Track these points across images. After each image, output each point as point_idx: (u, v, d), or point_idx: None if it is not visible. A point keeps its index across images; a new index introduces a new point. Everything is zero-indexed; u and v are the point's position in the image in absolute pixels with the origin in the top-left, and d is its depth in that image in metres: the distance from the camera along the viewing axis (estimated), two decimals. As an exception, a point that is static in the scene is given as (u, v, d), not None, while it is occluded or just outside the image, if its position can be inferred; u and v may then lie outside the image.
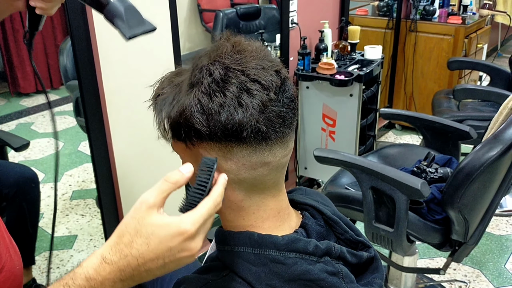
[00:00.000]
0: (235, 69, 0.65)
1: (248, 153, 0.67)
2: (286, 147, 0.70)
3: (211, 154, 0.68)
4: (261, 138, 0.66)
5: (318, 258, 0.69)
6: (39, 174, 2.85)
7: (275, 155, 0.69)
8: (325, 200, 0.86)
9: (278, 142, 0.68)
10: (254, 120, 0.64)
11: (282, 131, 0.67)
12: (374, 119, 2.84)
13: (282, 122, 0.67)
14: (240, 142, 0.65)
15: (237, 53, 0.67)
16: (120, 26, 0.86)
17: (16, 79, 3.73)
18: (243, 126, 0.64)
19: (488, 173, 1.45)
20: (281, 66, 0.69)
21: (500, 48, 5.25)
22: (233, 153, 0.67)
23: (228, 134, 0.64)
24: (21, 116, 3.59)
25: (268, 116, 0.65)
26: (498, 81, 2.79)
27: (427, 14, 3.38)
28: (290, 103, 0.68)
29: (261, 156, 0.67)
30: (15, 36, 3.62)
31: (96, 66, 1.51)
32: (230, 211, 0.73)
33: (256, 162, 0.68)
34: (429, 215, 1.61)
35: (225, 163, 0.68)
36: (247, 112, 0.63)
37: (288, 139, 0.70)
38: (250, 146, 0.66)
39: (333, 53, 2.65)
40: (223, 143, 0.66)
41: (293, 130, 0.71)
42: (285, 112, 0.67)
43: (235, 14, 3.25)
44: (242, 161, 0.67)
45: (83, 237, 2.40)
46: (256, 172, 0.68)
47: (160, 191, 0.62)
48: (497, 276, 2.19)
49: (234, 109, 0.63)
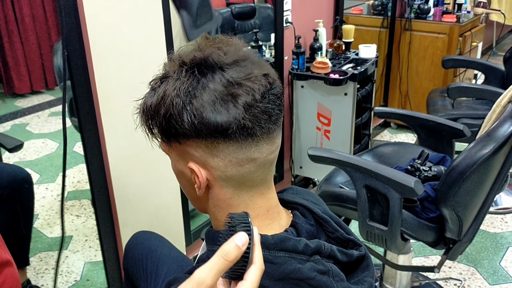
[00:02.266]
0: (222, 69, 0.66)
1: (234, 149, 0.67)
2: (272, 143, 0.70)
3: (197, 151, 0.68)
4: (246, 134, 0.66)
5: (308, 257, 0.69)
6: (34, 175, 2.85)
7: (261, 151, 0.69)
8: (316, 199, 0.86)
9: (264, 138, 0.68)
10: (239, 116, 0.64)
11: (268, 127, 0.68)
12: (369, 118, 2.84)
13: (267, 118, 0.67)
14: (226, 139, 0.66)
15: (224, 53, 0.67)
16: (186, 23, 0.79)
17: (11, 80, 3.72)
18: (228, 123, 0.64)
19: (482, 171, 1.45)
20: (270, 69, 0.70)
21: (494, 46, 5.26)
22: (220, 150, 0.67)
23: (214, 131, 0.65)
24: (16, 117, 3.59)
25: (254, 112, 0.65)
26: (493, 79, 2.79)
27: (421, 12, 3.39)
28: (276, 99, 0.68)
29: (248, 153, 0.68)
30: (9, 37, 3.61)
31: (89, 66, 1.51)
32: (219, 209, 0.73)
33: (242, 159, 0.68)
34: (423, 213, 1.61)
35: (212, 160, 0.68)
36: (232, 110, 0.64)
37: (275, 135, 0.70)
38: (236, 142, 0.66)
39: (328, 52, 2.65)
40: (209, 140, 0.66)
41: (279, 126, 0.71)
42: (271, 108, 0.67)
43: (230, 14, 3.24)
44: (229, 157, 0.67)
45: (78, 238, 2.39)
46: (243, 168, 0.69)
47: (218, 271, 0.54)
48: (492, 274, 2.19)
49: (220, 108, 0.64)
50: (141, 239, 1.39)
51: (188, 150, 0.69)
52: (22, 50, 3.68)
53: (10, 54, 3.65)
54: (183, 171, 0.72)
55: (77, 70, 1.49)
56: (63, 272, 2.18)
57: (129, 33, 1.57)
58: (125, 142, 1.65)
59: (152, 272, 1.27)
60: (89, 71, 1.52)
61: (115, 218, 1.74)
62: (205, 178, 0.69)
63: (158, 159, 1.01)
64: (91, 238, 2.39)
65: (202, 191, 0.71)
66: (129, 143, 1.66)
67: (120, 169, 1.68)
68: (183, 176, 0.73)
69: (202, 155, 0.68)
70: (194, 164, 0.69)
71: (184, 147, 0.69)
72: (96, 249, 2.31)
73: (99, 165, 1.63)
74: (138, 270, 1.31)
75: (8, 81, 3.73)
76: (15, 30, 3.61)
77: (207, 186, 0.71)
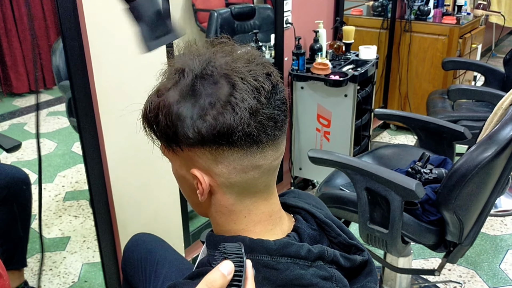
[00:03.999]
0: (226, 73, 0.64)
1: (239, 156, 0.65)
2: (277, 150, 0.69)
3: (201, 158, 0.66)
4: (252, 141, 0.64)
5: (311, 262, 0.68)
6: (31, 175, 2.83)
7: (266, 158, 0.68)
8: (318, 203, 0.85)
9: (269, 145, 0.67)
10: (245, 123, 0.63)
11: (273, 133, 0.66)
12: (369, 120, 2.84)
13: (273, 124, 0.66)
14: (231, 146, 0.64)
15: (227, 56, 0.66)
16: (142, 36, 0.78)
17: (9, 79, 3.70)
18: (233, 129, 0.62)
19: (483, 174, 1.44)
20: (273, 69, 0.68)
21: (494, 48, 5.27)
22: (224, 157, 0.65)
23: (219, 137, 0.63)
24: (14, 117, 3.57)
25: (259, 119, 0.64)
26: (493, 81, 2.79)
27: (421, 14, 3.38)
28: (282, 105, 0.67)
29: (253, 159, 0.66)
30: (8, 36, 3.59)
31: (88, 66, 1.50)
32: (221, 215, 0.71)
33: (247, 165, 0.66)
34: (423, 216, 1.61)
35: (215, 166, 0.66)
36: (237, 115, 0.62)
37: (280, 141, 0.69)
38: (241, 149, 0.65)
39: (328, 53, 2.65)
40: (213, 147, 0.65)
41: (284, 132, 0.70)
42: (277, 114, 0.66)
43: (229, 14, 3.24)
44: (233, 164, 0.66)
45: (76, 239, 2.38)
46: (247, 175, 0.67)
47: None
48: (492, 277, 2.19)
49: (224, 113, 0.62)
50: (140, 241, 1.38)
51: (192, 156, 0.67)
52: (21, 50, 3.67)
53: (8, 53, 3.64)
54: (185, 176, 0.71)
55: (76, 70, 1.48)
56: (61, 273, 2.16)
57: (128, 33, 1.55)
58: (124, 142, 1.64)
59: (151, 274, 1.27)
60: (88, 71, 1.51)
61: (113, 219, 1.73)
62: (208, 185, 0.68)
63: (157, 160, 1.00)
64: (89, 239, 2.38)
65: (205, 197, 0.69)
66: (128, 143, 1.64)
67: (119, 170, 1.67)
68: (185, 181, 0.72)
69: (205, 161, 0.66)
70: (197, 171, 0.67)
71: (187, 153, 0.67)
72: (94, 250, 2.29)
73: (97, 165, 1.62)
74: (137, 272, 1.30)
75: (6, 80, 3.71)
76: (13, 29, 3.59)
77: (209, 192, 0.69)
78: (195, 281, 0.70)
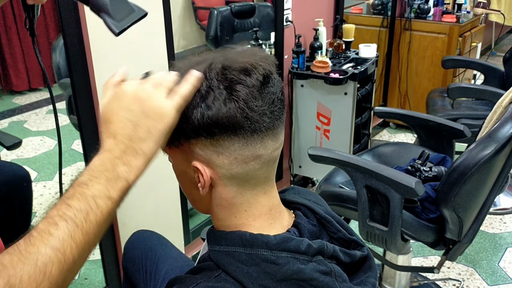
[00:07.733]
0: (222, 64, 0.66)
1: (240, 146, 0.67)
2: (277, 139, 0.70)
3: (202, 150, 0.68)
4: (252, 130, 0.66)
5: (311, 257, 0.69)
6: (32, 172, 2.83)
7: (266, 147, 0.69)
8: (318, 199, 0.85)
9: (269, 134, 0.68)
10: (244, 111, 0.64)
11: (272, 122, 0.68)
12: (369, 118, 2.84)
13: (271, 113, 0.67)
14: (231, 135, 0.66)
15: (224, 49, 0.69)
16: (108, 22, 0.83)
17: (9, 77, 3.70)
18: (233, 118, 0.64)
19: (482, 171, 1.44)
20: (270, 59, 0.70)
21: (494, 46, 5.27)
22: (225, 147, 0.67)
23: (219, 127, 0.65)
24: (13, 114, 3.57)
25: (257, 108, 0.66)
26: (492, 80, 2.79)
27: (421, 12, 3.38)
28: (278, 93, 0.69)
29: (253, 149, 0.67)
30: (7, 33, 3.59)
31: (89, 63, 1.50)
32: (222, 209, 0.72)
33: (248, 156, 0.68)
34: (423, 214, 1.61)
35: (217, 158, 0.67)
36: (236, 104, 0.64)
37: (279, 131, 0.70)
38: (242, 139, 0.66)
39: (328, 51, 2.65)
40: (214, 138, 0.66)
41: (283, 122, 0.71)
42: (274, 104, 0.68)
43: (229, 12, 3.24)
44: (234, 154, 0.67)
45: (76, 236, 2.38)
46: (248, 166, 0.68)
47: None
48: (491, 275, 2.19)
49: (224, 102, 0.64)
50: (140, 238, 1.39)
51: (193, 149, 0.68)
52: (20, 47, 3.66)
53: (8, 51, 3.63)
54: (186, 170, 0.72)
55: (77, 68, 1.48)
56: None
57: (129, 30, 1.55)
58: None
59: (151, 271, 1.27)
60: (88, 68, 1.51)
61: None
62: (209, 177, 0.69)
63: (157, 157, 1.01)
64: (89, 236, 2.38)
65: (206, 190, 0.70)
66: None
67: (119, 168, 1.67)
68: (186, 176, 0.73)
69: (206, 153, 0.67)
70: (199, 163, 0.68)
71: (188, 146, 0.68)
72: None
73: (98, 163, 1.62)
74: (138, 269, 1.30)
75: (5, 78, 3.71)
76: (13, 27, 3.59)
77: (210, 185, 0.70)
78: (196, 276, 0.71)
